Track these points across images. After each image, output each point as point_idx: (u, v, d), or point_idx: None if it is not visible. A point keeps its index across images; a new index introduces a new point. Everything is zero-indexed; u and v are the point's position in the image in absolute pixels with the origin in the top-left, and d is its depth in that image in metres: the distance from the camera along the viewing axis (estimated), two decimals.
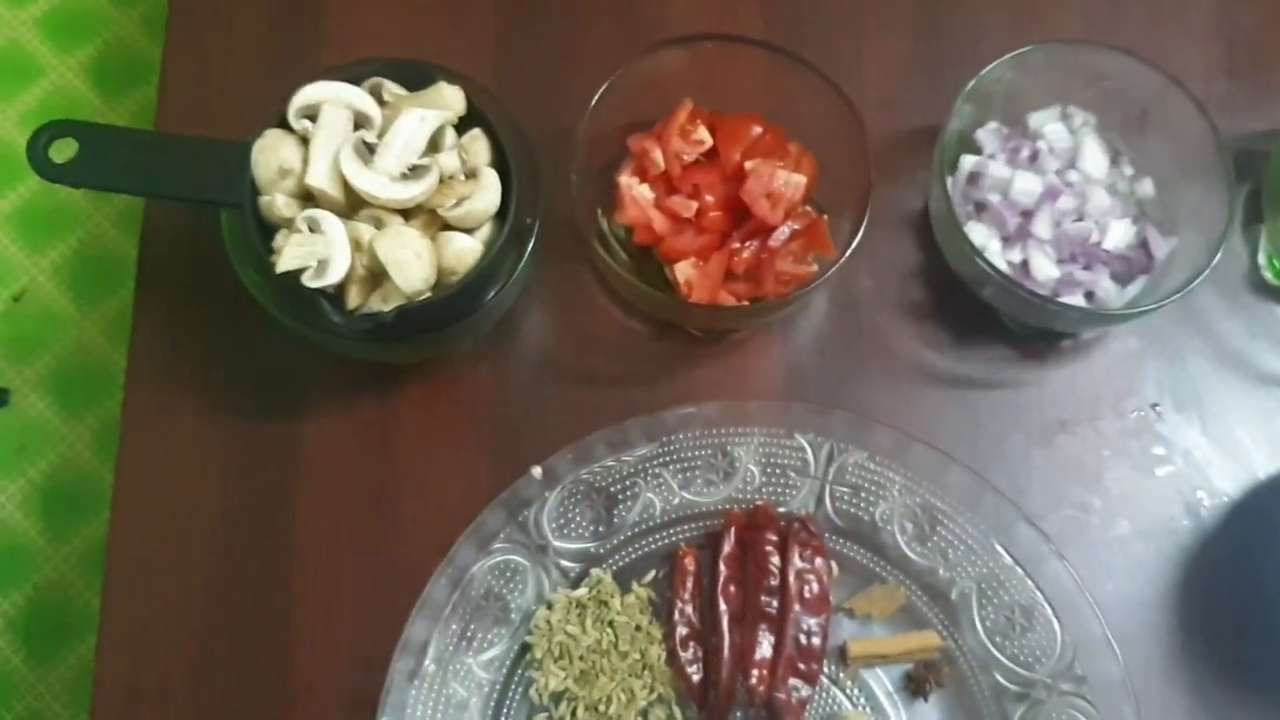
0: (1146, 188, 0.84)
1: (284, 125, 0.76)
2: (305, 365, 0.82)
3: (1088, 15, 0.94)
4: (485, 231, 0.76)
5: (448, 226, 0.75)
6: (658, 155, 0.81)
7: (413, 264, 0.72)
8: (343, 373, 0.82)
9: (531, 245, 0.76)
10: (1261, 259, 0.87)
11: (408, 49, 0.87)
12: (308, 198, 0.76)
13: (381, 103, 0.77)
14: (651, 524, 0.78)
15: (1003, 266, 0.81)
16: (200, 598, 0.78)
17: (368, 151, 0.74)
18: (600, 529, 0.78)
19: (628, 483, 0.78)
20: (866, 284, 0.86)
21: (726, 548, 0.77)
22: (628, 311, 0.85)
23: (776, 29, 0.92)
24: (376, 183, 0.73)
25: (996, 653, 0.76)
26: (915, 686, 0.76)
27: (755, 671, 0.74)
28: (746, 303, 0.81)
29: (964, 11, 0.93)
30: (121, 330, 1.26)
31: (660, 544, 0.79)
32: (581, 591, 0.77)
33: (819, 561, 0.77)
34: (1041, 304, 0.78)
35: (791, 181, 0.80)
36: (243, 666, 0.77)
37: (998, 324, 0.84)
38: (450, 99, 0.77)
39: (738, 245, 0.81)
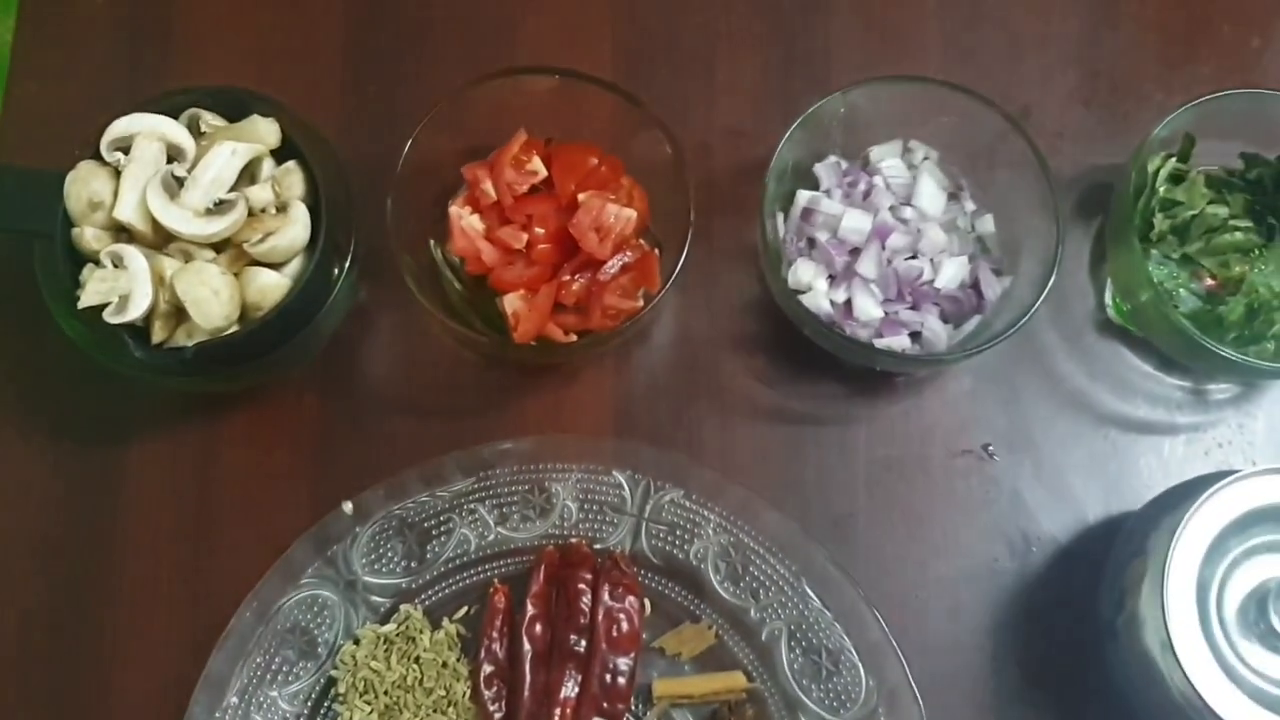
0: (987, 224, 0.83)
1: (99, 157, 0.76)
2: (130, 392, 0.82)
3: (947, 44, 0.92)
4: (296, 265, 0.76)
5: (257, 261, 0.75)
6: (488, 186, 0.81)
7: (211, 301, 0.72)
8: (167, 401, 0.82)
9: (342, 280, 0.76)
10: (1107, 298, 0.86)
11: (256, 74, 0.86)
12: (121, 230, 0.75)
13: (199, 134, 0.77)
14: (466, 560, 0.78)
15: (826, 306, 0.80)
16: (16, 629, 0.79)
17: (176, 185, 0.74)
18: (413, 564, 0.78)
19: (442, 518, 0.78)
20: (702, 317, 0.85)
21: (534, 586, 0.77)
22: (460, 340, 0.85)
23: (626, 56, 0.91)
24: (181, 218, 0.73)
25: (803, 696, 0.76)
26: None
27: (558, 710, 0.74)
28: (574, 337, 0.80)
29: (819, 40, 0.91)
30: None
31: (475, 580, 0.78)
32: (389, 627, 0.77)
33: (630, 600, 0.76)
34: (858, 348, 0.77)
35: (621, 215, 0.80)
36: (56, 699, 0.77)
37: (831, 359, 0.83)
38: (264, 131, 0.76)
39: (568, 277, 0.80)
